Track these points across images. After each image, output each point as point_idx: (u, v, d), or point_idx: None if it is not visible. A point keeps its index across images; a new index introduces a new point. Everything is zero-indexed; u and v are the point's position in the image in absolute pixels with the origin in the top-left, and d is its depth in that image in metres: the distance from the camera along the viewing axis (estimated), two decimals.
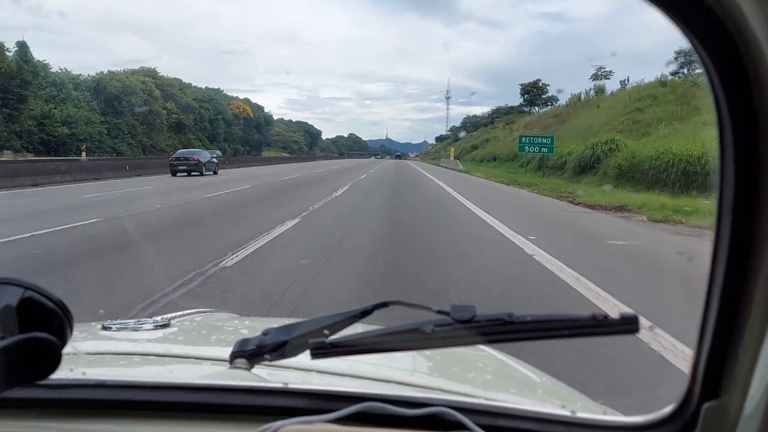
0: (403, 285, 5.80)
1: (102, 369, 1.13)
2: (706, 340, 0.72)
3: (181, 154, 28.85)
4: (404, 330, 0.83)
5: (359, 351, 0.87)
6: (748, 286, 0.67)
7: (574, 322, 0.80)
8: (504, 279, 6.36)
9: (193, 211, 12.36)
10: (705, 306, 0.72)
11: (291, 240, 8.57)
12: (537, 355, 2.59)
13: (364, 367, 1.12)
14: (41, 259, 6.83)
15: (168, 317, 1.47)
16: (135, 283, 5.68)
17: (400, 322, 0.86)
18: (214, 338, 1.59)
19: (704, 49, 0.65)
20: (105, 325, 1.38)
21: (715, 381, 0.73)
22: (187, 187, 18.90)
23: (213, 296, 5.14)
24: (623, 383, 3.35)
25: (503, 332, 0.81)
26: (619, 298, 5.22)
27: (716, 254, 0.70)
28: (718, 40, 0.63)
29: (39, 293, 0.68)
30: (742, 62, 0.62)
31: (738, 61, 0.62)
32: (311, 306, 4.82)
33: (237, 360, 0.95)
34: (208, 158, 29.48)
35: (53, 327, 0.68)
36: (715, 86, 0.66)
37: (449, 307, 0.82)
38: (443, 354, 1.36)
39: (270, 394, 0.87)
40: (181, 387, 0.89)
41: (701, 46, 0.65)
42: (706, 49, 0.65)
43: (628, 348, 3.73)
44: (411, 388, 1.06)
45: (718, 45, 0.64)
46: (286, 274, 6.13)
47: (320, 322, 0.89)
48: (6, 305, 0.65)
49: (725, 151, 0.66)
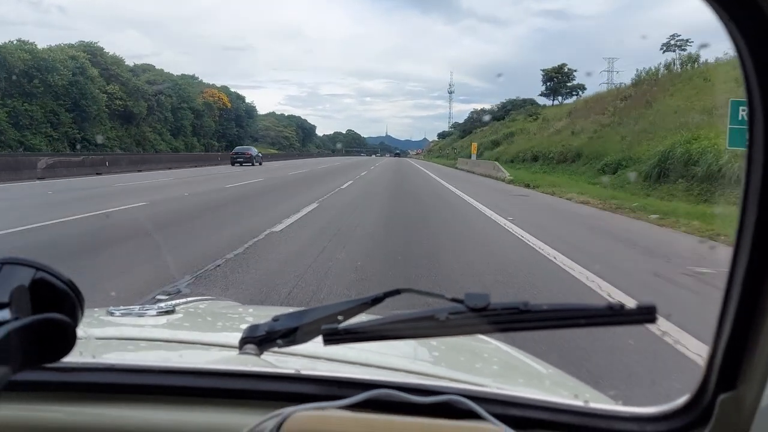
0: None
1: (110, 353, 1.12)
2: (724, 331, 0.72)
3: (239, 150, 42.26)
4: (418, 317, 0.83)
5: (372, 337, 0.87)
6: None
7: (590, 311, 0.79)
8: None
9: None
10: (724, 296, 0.72)
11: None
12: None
13: (371, 355, 1.12)
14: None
15: (172, 303, 1.49)
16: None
17: (410, 309, 0.85)
18: (220, 324, 1.61)
19: (741, 35, 0.63)
20: (109, 311, 1.39)
21: (731, 372, 0.73)
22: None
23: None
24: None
25: (518, 321, 0.80)
26: None
27: (738, 246, 0.70)
28: (757, 27, 0.62)
29: (50, 274, 0.68)
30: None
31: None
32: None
33: (247, 345, 0.95)
34: (255, 153, 42.57)
35: (64, 308, 0.68)
36: (748, 75, 0.64)
37: (463, 295, 0.81)
38: (449, 344, 1.37)
39: (281, 380, 0.87)
40: (191, 372, 0.89)
41: (738, 31, 0.64)
42: (743, 34, 0.63)
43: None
44: (420, 377, 1.04)
45: (755, 30, 0.63)
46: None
47: (331, 308, 0.90)
48: (19, 285, 0.65)
49: (755, 143, 0.66)
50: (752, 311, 0.69)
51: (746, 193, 0.69)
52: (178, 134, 59.25)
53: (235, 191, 16.58)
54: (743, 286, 0.70)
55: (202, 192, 16.15)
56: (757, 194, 0.67)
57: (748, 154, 0.67)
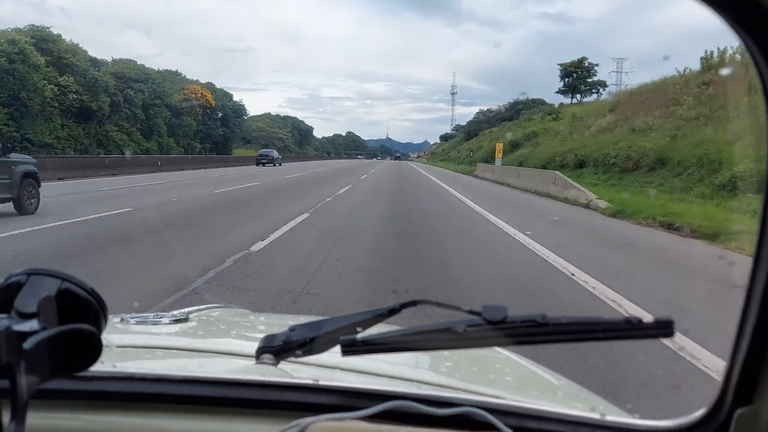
0: None
1: (128, 362, 1.16)
2: (742, 346, 0.75)
3: (263, 152, 56.75)
4: (436, 329, 0.85)
5: (390, 349, 0.88)
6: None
7: (608, 325, 0.81)
8: None
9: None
10: (743, 311, 0.75)
11: None
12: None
13: (386, 366, 1.16)
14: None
15: (186, 311, 1.56)
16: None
17: (426, 321, 0.89)
18: (234, 333, 1.69)
19: (756, 45, 0.65)
20: (123, 318, 1.46)
21: (749, 387, 0.74)
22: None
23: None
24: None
25: (536, 334, 0.81)
26: None
27: (758, 261, 0.72)
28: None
29: (75, 284, 0.72)
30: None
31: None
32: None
33: (264, 355, 0.99)
34: (276, 155, 55.23)
35: (89, 318, 0.71)
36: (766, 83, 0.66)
37: (480, 307, 0.84)
38: (462, 354, 1.42)
39: (299, 390, 0.90)
40: (209, 381, 0.92)
41: (753, 42, 0.65)
42: (758, 45, 0.64)
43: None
44: (437, 388, 1.08)
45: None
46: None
47: (348, 319, 0.93)
48: (47, 296, 0.68)
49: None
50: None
51: (765, 206, 0.71)
52: (150, 134, 53.22)
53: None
54: (762, 301, 0.72)
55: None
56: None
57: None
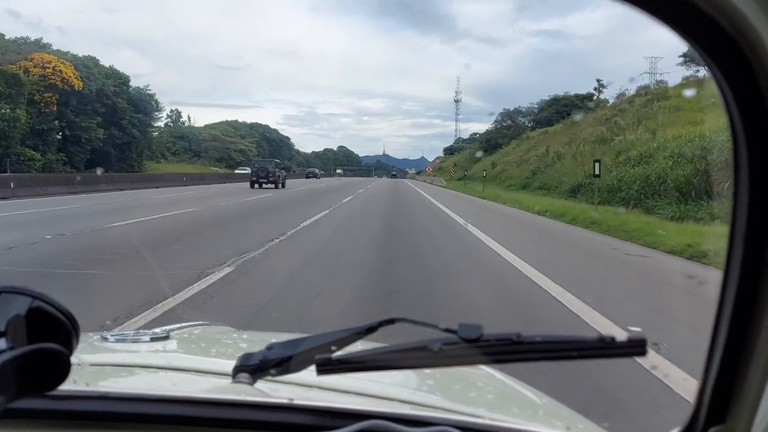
0: None
1: (104, 381, 1.16)
2: (714, 364, 0.76)
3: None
4: (411, 348, 0.85)
5: (365, 368, 0.90)
6: (758, 310, 0.71)
7: (582, 344, 0.82)
8: None
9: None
10: (714, 329, 0.76)
11: None
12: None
13: (365, 384, 1.15)
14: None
15: (167, 329, 1.53)
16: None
17: (404, 339, 0.90)
18: (213, 351, 1.66)
19: (711, 58, 0.68)
20: (104, 336, 1.44)
21: (721, 405, 0.76)
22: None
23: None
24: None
25: (511, 352, 0.82)
26: None
27: (726, 278, 0.74)
28: (735, 64, 0.66)
29: (47, 303, 0.71)
30: (758, 83, 0.65)
31: (747, 68, 0.65)
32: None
33: (240, 374, 0.98)
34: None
35: (59, 337, 0.71)
36: (725, 94, 0.68)
37: (456, 325, 0.84)
38: (443, 372, 1.41)
39: (275, 410, 0.89)
40: (184, 400, 0.91)
41: (709, 57, 0.68)
42: (713, 58, 0.68)
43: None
44: (414, 407, 1.08)
45: (725, 54, 0.67)
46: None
47: (325, 338, 0.93)
48: (16, 315, 0.68)
49: (740, 176, 0.69)
50: (742, 345, 0.73)
51: (733, 225, 0.72)
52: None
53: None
54: (732, 319, 0.73)
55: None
56: (743, 227, 0.70)
57: (734, 190, 0.70)
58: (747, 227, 0.70)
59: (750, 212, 0.69)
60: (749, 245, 0.70)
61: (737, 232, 0.71)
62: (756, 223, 0.69)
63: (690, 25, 0.68)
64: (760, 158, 0.67)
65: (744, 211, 0.70)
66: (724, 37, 0.66)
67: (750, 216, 0.69)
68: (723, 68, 0.68)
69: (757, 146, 0.67)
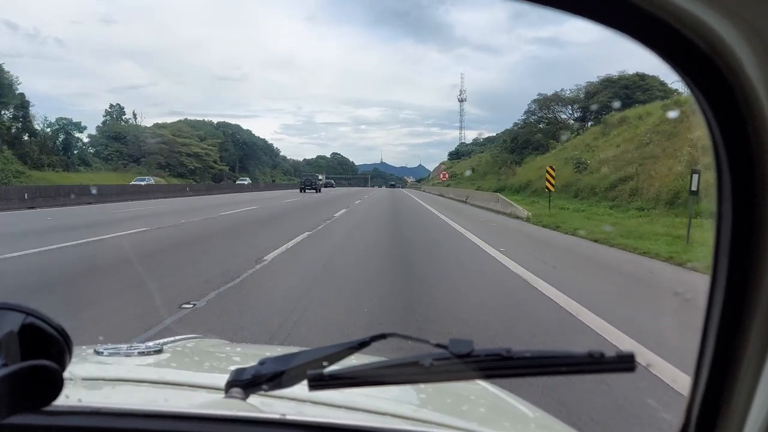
0: None
1: (96, 395, 1.16)
2: (701, 380, 0.76)
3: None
4: (402, 363, 0.85)
5: (357, 383, 0.90)
6: (745, 326, 0.70)
7: (572, 359, 0.82)
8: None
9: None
10: (701, 345, 0.76)
11: None
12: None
13: (358, 398, 1.16)
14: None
15: (160, 342, 1.54)
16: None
17: (396, 354, 0.89)
18: (207, 365, 1.67)
19: (699, 90, 0.69)
20: (97, 350, 1.45)
21: (710, 421, 0.76)
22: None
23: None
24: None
25: (501, 368, 0.83)
26: None
27: (712, 295, 0.74)
28: (713, 83, 0.67)
29: (40, 319, 0.72)
30: (736, 101, 0.66)
31: (732, 100, 0.67)
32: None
33: (233, 389, 0.98)
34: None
35: (52, 353, 0.71)
36: (711, 124, 0.70)
37: (447, 341, 0.85)
38: (436, 386, 1.40)
39: (265, 426, 0.90)
40: (176, 416, 0.92)
41: (696, 87, 0.69)
42: (701, 90, 0.69)
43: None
44: (406, 421, 1.09)
45: (712, 86, 0.67)
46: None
47: (317, 353, 0.93)
48: (8, 332, 0.68)
49: (723, 189, 0.70)
50: (729, 360, 0.72)
51: (719, 233, 0.72)
52: None
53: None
54: (718, 334, 0.73)
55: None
56: (728, 248, 0.70)
57: (718, 205, 0.71)
58: (732, 239, 0.70)
59: (734, 224, 0.69)
60: (734, 255, 0.70)
61: (722, 240, 0.71)
62: (739, 236, 0.69)
63: (667, 47, 0.68)
64: (740, 170, 0.68)
65: (728, 224, 0.70)
66: (700, 56, 0.66)
67: (734, 229, 0.69)
68: (702, 88, 0.69)
69: (738, 160, 0.68)
